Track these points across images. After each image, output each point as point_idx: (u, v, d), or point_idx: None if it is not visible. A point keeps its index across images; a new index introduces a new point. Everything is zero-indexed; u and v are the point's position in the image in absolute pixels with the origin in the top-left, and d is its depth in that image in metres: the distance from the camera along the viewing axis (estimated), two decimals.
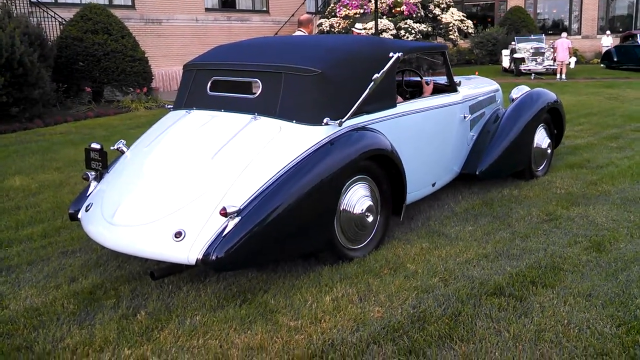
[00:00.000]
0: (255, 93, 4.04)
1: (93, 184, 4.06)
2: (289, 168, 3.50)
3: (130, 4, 17.06)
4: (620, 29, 27.75)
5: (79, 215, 3.90)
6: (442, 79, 5.63)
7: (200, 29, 18.92)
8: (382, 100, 4.20)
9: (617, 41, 24.43)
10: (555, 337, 2.90)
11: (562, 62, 18.73)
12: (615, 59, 22.99)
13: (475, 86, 5.80)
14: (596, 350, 2.76)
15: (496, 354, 2.76)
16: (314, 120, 3.74)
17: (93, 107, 12.48)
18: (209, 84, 4.23)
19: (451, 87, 5.20)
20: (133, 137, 4.26)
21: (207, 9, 19.28)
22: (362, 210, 3.89)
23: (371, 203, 3.97)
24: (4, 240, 4.43)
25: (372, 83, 3.92)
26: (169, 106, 4.60)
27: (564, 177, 5.97)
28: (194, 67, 4.41)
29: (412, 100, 4.69)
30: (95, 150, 4.06)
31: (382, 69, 4.05)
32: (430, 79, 5.68)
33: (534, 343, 2.85)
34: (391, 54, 4.21)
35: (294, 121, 3.74)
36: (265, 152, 3.57)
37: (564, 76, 18.61)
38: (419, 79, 5.59)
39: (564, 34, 20.13)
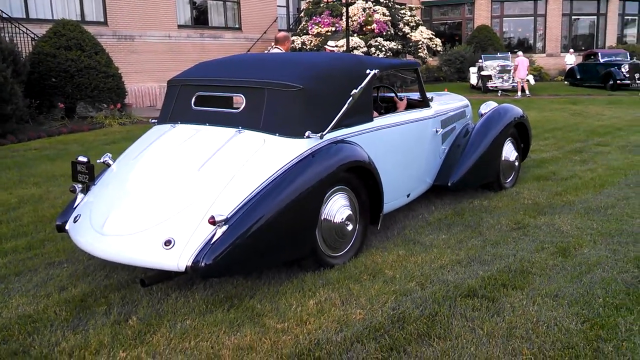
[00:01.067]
0: (238, 108, 4.21)
1: (80, 196, 4.17)
2: (273, 179, 3.67)
3: (102, 20, 17.11)
4: (583, 48, 28.78)
5: (67, 227, 4.00)
6: (414, 95, 5.89)
7: (174, 45, 19.04)
8: (359, 114, 4.41)
9: (580, 59, 25.37)
10: (526, 333, 3.11)
11: (522, 79, 19.40)
12: (578, 77, 23.91)
13: (446, 102, 6.08)
14: (563, 344, 2.99)
15: (471, 349, 2.96)
16: (297, 133, 3.93)
17: (66, 123, 12.47)
18: (193, 99, 4.39)
19: (424, 103, 5.46)
20: (110, 152, 4.38)
21: (179, 26, 19.42)
22: (342, 219, 4.08)
23: (350, 212, 4.16)
24: None
25: (351, 98, 4.14)
26: (153, 120, 4.73)
27: (531, 189, 6.27)
28: (178, 83, 4.57)
29: (387, 115, 4.92)
30: (82, 163, 4.17)
31: (360, 84, 4.27)
32: (404, 94, 5.93)
33: (506, 339, 3.06)
34: (368, 71, 4.44)
35: (277, 134, 3.92)
36: (250, 163, 3.74)
37: (527, 92, 19.21)
38: (392, 94, 5.83)
39: (520, 53, 20.81)
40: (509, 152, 6.23)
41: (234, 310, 3.43)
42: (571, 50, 27.62)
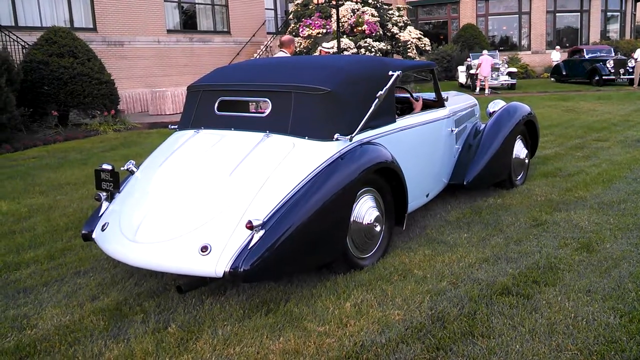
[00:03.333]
0: (264, 112, 4.21)
1: (105, 204, 4.14)
2: (305, 182, 3.67)
3: (91, 26, 16.98)
4: (567, 44, 29.09)
5: (94, 235, 3.97)
6: (421, 95, 5.93)
7: (163, 50, 18.94)
8: (384, 116, 4.43)
9: (565, 56, 25.69)
10: (567, 329, 3.14)
11: (485, 77, 19.60)
12: (564, 73, 24.24)
13: (457, 102, 6.11)
14: (606, 339, 3.02)
15: (517, 346, 2.98)
16: (326, 136, 3.93)
17: (61, 131, 12.35)
18: (216, 104, 4.38)
19: (439, 103, 5.49)
20: (109, 160, 4.36)
21: (168, 31, 19.32)
22: (370, 220, 4.09)
23: (378, 213, 4.17)
24: (10, 263, 4.44)
25: (377, 100, 4.16)
26: (172, 127, 4.71)
27: (541, 185, 6.33)
28: (199, 88, 4.55)
29: (408, 116, 4.94)
30: (106, 171, 4.14)
31: (384, 86, 4.29)
32: (419, 95, 5.97)
33: (548, 335, 3.08)
34: (391, 72, 4.46)
35: (307, 137, 3.92)
36: (282, 167, 3.74)
37: (487, 91, 19.39)
38: (408, 95, 5.86)
39: (485, 51, 20.99)
40: (519, 149, 6.28)
41: (272, 314, 3.42)
42: (557, 47, 27.97)
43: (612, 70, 21.53)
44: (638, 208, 5.34)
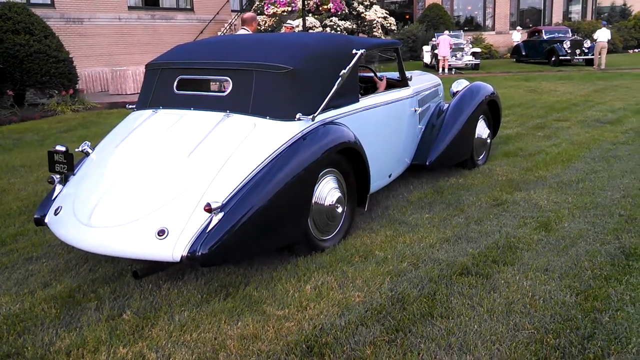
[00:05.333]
0: (225, 90, 4.10)
1: (59, 187, 3.99)
2: (266, 163, 3.59)
3: (49, 2, 16.42)
4: (531, 25, 29.39)
5: (47, 220, 3.84)
6: (385, 74, 5.88)
7: (124, 28, 18.46)
8: (347, 95, 4.37)
9: (526, 36, 26.09)
10: (524, 308, 3.17)
11: (444, 57, 19.76)
12: (523, 53, 24.78)
13: (421, 81, 6.09)
14: (562, 317, 3.05)
15: (475, 326, 2.99)
16: (288, 116, 3.85)
17: (16, 111, 11.94)
18: (175, 83, 4.25)
19: (403, 82, 5.45)
20: (67, 141, 4.22)
21: (130, 7, 18.83)
22: (332, 202, 4.05)
23: (340, 195, 4.13)
24: None
25: (340, 79, 4.09)
26: (130, 106, 4.57)
27: (502, 165, 6.39)
28: (158, 67, 4.41)
29: (371, 95, 4.89)
30: (59, 152, 3.99)
31: (348, 65, 4.22)
32: (383, 74, 5.92)
33: (506, 315, 3.10)
34: (355, 51, 4.39)
35: (268, 117, 3.84)
36: (242, 148, 3.66)
37: (446, 71, 19.56)
38: (372, 74, 5.80)
39: (446, 32, 21.11)
40: (481, 129, 6.31)
41: (231, 299, 3.36)
42: (518, 27, 28.36)
43: (569, 51, 22.00)
44: (595, 187, 5.43)
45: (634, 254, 3.86)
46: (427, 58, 22.47)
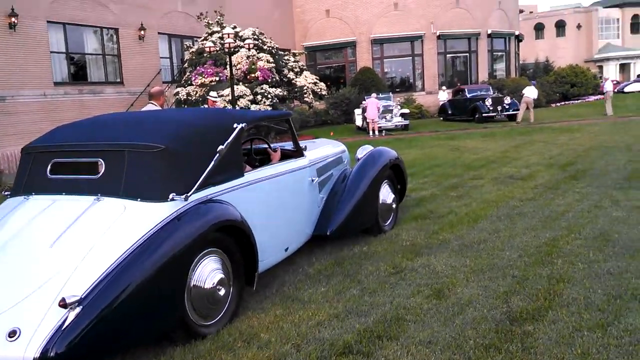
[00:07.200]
0: (98, 173, 3.97)
1: None
2: (134, 248, 3.44)
3: None
4: (459, 84, 30.62)
5: None
6: (279, 145, 5.89)
7: (50, 104, 18.15)
8: (228, 170, 4.31)
9: (451, 95, 27.33)
10: None
11: (372, 119, 20.24)
12: (449, 112, 25.96)
13: (321, 149, 6.11)
14: None
15: None
16: (159, 196, 3.74)
17: None
18: (49, 167, 4.10)
19: (298, 152, 5.44)
20: None
21: (56, 83, 18.57)
22: (213, 284, 3.90)
23: (222, 276, 3.99)
24: None
25: (218, 155, 4.03)
26: (5, 192, 4.37)
27: (409, 229, 6.40)
28: (33, 150, 4.27)
29: (259, 169, 4.84)
30: None
31: (227, 140, 4.18)
32: (278, 145, 5.91)
33: None
34: (235, 125, 4.36)
35: (139, 199, 3.73)
36: (109, 234, 3.51)
37: (376, 133, 20.04)
38: (266, 146, 5.79)
39: (374, 94, 21.76)
40: (386, 194, 6.34)
41: None
42: (443, 87, 29.74)
43: (491, 108, 23.09)
44: (495, 248, 5.48)
45: (519, 319, 3.84)
46: (358, 121, 22.93)
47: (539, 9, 69.36)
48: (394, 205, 6.50)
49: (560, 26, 61.83)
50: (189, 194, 3.83)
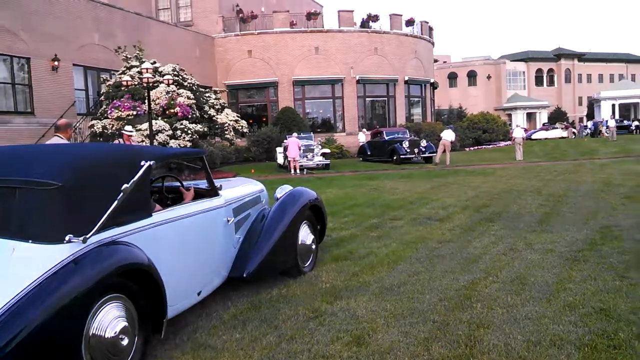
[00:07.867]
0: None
1: None
2: (22, 295, 3.07)
3: None
4: (378, 126, 31.44)
5: None
6: (193, 184, 5.63)
7: None
8: (135, 210, 4.00)
9: (369, 137, 28.07)
10: None
11: (293, 158, 20.45)
12: (368, 153, 26.70)
13: (238, 188, 5.88)
14: None
15: None
16: (54, 238, 3.38)
17: None
18: None
19: (212, 191, 5.19)
20: None
21: None
22: (115, 333, 3.55)
23: (126, 324, 3.64)
24: None
25: (122, 194, 3.71)
26: None
27: (329, 271, 6.23)
28: None
29: (169, 209, 4.54)
30: None
31: (133, 178, 3.88)
32: (192, 184, 5.64)
33: None
34: (143, 162, 4.07)
35: (30, 241, 3.35)
36: None
37: (297, 171, 20.19)
38: (178, 184, 5.50)
39: (294, 134, 22.03)
40: (305, 235, 6.17)
41: None
42: (363, 129, 30.63)
43: (408, 150, 23.90)
44: (415, 291, 5.39)
45: None
46: (280, 159, 22.90)
47: (452, 59, 73.06)
48: (313, 246, 6.33)
49: (472, 76, 65.35)
50: (87, 236, 3.48)
